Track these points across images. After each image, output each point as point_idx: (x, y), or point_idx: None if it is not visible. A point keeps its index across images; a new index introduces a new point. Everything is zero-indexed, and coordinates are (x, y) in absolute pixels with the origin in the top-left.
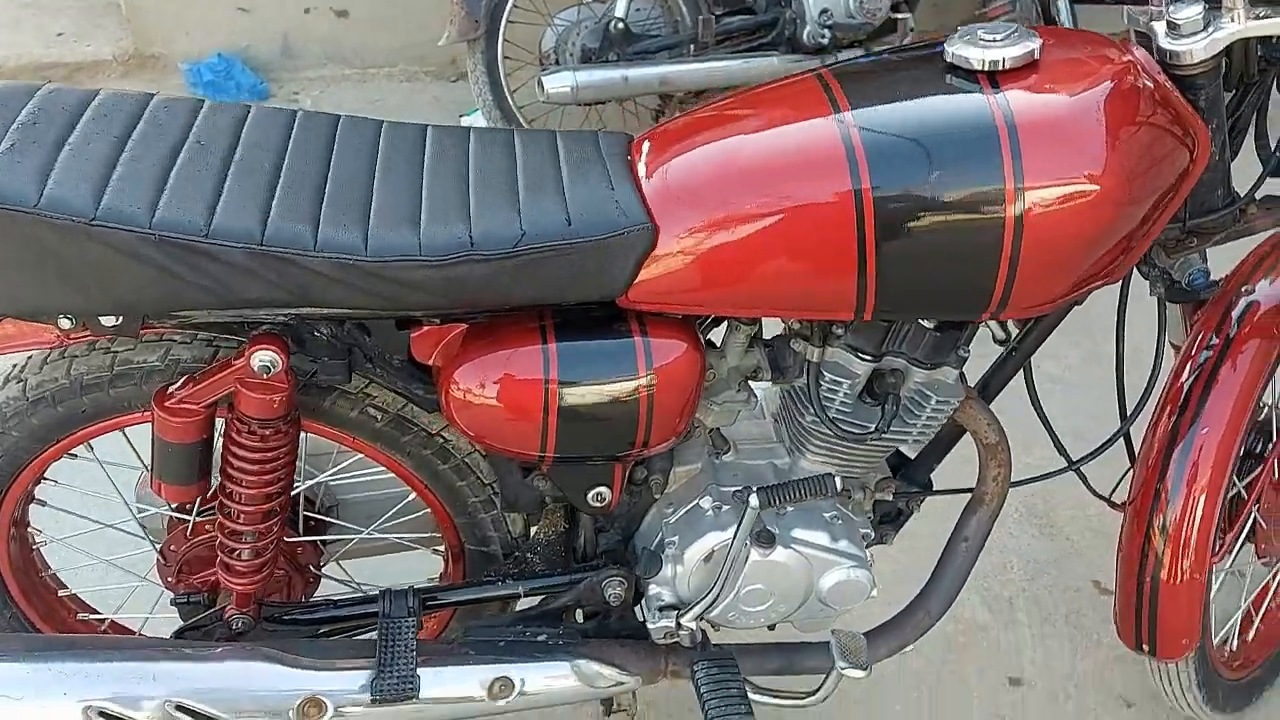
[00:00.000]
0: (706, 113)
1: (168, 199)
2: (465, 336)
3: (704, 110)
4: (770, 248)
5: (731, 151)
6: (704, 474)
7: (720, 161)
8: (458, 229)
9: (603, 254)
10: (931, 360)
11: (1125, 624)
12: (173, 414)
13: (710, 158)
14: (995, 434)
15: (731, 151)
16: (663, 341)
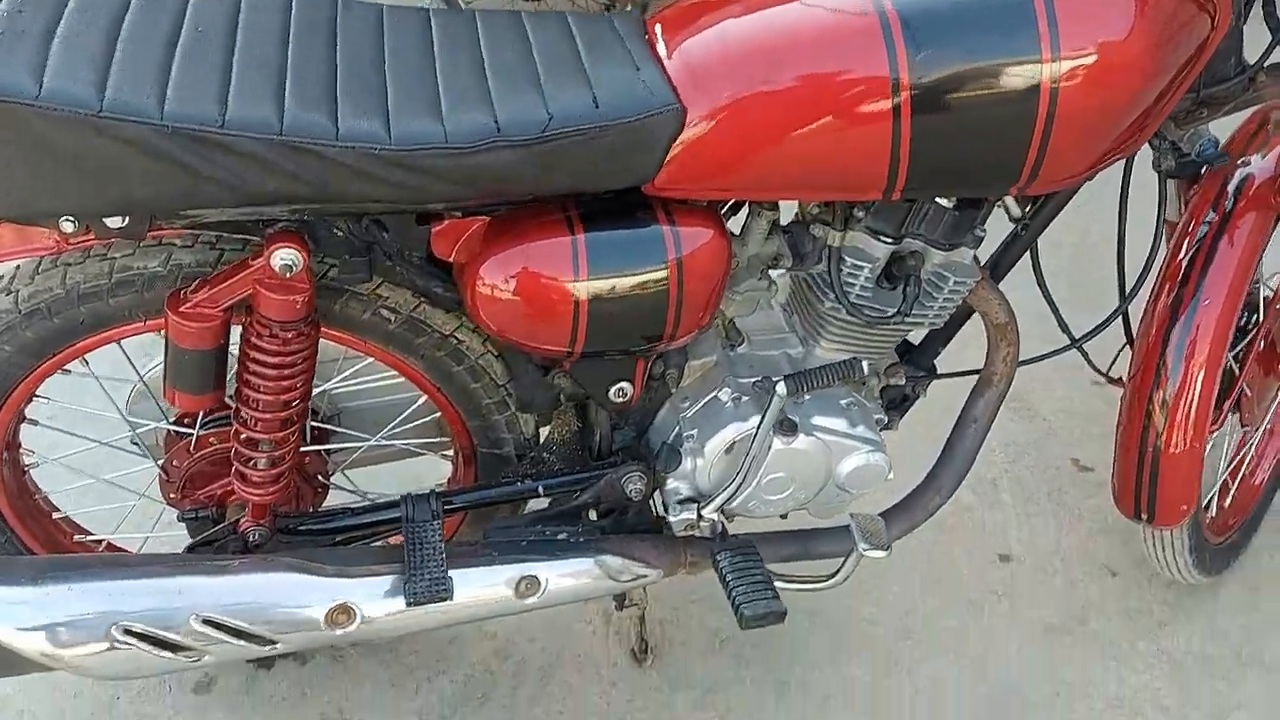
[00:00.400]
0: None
1: (176, 89)
2: (488, 230)
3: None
4: (802, 125)
5: (759, 26)
6: (719, 367)
7: (748, 37)
8: (482, 115)
9: (632, 137)
10: (950, 240)
11: (1124, 495)
12: (189, 319)
13: (737, 34)
14: (1005, 314)
15: (759, 26)
16: (690, 229)
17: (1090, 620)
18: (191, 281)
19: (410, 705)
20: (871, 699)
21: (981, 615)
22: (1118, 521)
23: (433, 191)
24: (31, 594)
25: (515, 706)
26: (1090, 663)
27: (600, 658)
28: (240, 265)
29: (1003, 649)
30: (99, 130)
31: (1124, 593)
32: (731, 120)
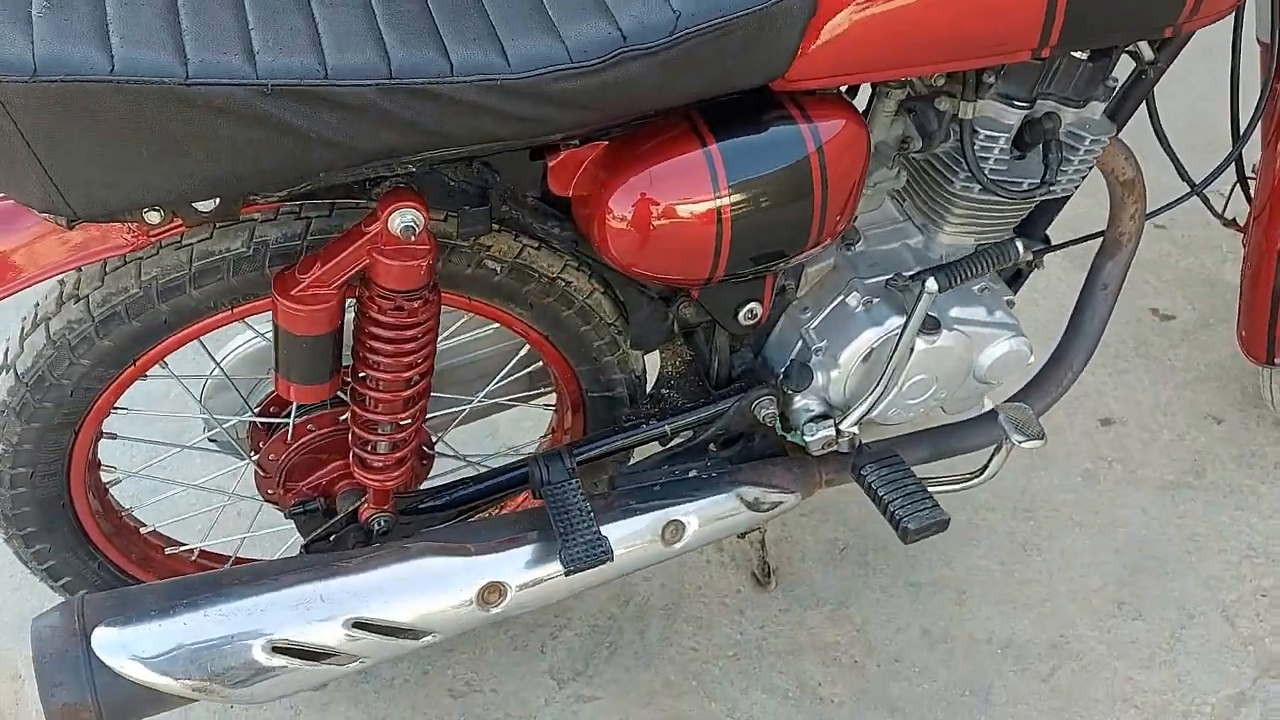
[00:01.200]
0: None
1: (262, 41)
2: (607, 157)
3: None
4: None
5: None
6: (838, 270)
7: None
8: (601, 24)
9: (765, 27)
10: (1083, 96)
11: (1254, 340)
12: (303, 302)
13: None
14: (1132, 168)
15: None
16: (826, 120)
17: (1206, 471)
18: (279, 259)
19: (540, 665)
20: (1007, 585)
21: (1097, 482)
22: (1210, 368)
23: (557, 120)
24: (166, 626)
25: (647, 649)
26: (1216, 514)
27: (723, 587)
28: (352, 233)
29: (1126, 512)
30: (187, 100)
31: (1233, 439)
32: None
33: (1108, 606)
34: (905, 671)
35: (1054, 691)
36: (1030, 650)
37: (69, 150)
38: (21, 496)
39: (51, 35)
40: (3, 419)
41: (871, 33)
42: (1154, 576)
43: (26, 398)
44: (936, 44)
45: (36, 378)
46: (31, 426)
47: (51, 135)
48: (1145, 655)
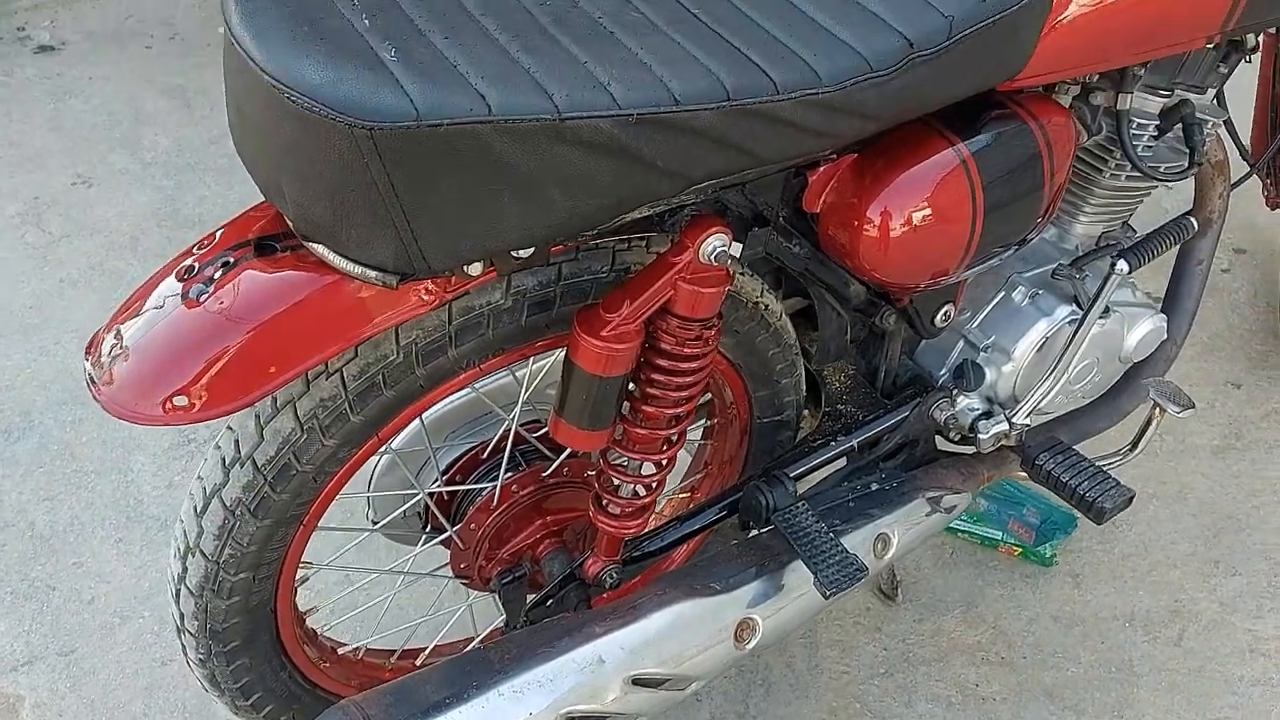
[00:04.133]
0: None
1: (607, 74)
2: (858, 169)
3: None
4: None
5: None
6: (988, 271)
7: None
8: (887, 34)
9: (1017, 25)
10: (1205, 81)
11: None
12: (613, 340)
13: None
14: (1222, 150)
15: None
16: (1044, 116)
17: (1244, 433)
18: (536, 308)
19: (701, 714)
20: (1111, 562)
21: (1156, 455)
22: (1213, 339)
23: (856, 129)
24: (466, 713)
25: (800, 681)
26: (1265, 470)
27: (852, 608)
28: (659, 265)
29: (1189, 479)
30: (562, 136)
31: (1256, 400)
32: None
33: (1206, 568)
34: (1050, 659)
35: (1188, 654)
36: (1154, 619)
37: (436, 198)
38: (235, 606)
39: (419, 77)
40: (237, 519)
41: (1093, 27)
42: (1234, 534)
43: (266, 492)
44: (1143, 35)
45: (280, 467)
46: (264, 524)
47: (422, 184)
48: (1253, 606)
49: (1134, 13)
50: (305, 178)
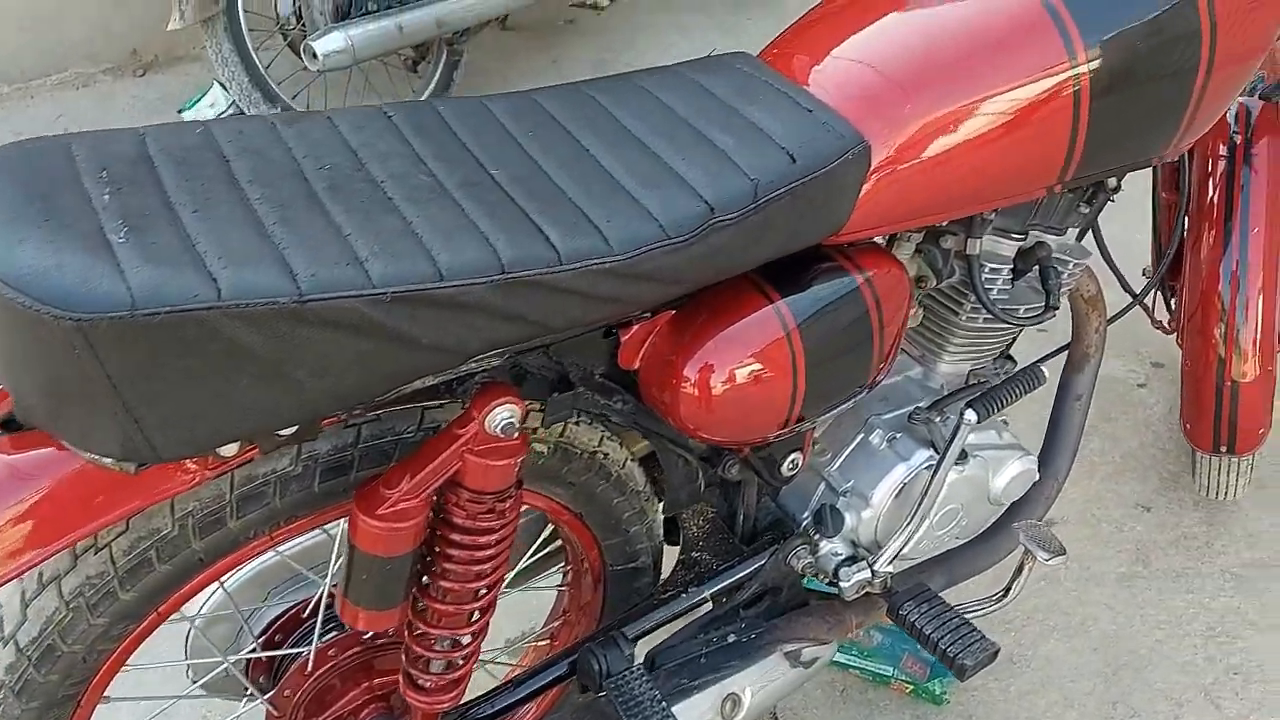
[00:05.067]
0: (844, 8)
1: (367, 248)
2: (676, 325)
3: (836, 6)
4: (986, 133)
5: (919, 37)
6: (850, 411)
7: (911, 51)
8: (685, 197)
9: (830, 186)
10: (1063, 224)
11: (1200, 432)
12: (393, 519)
13: (898, 50)
14: (1095, 285)
15: (919, 37)
16: (873, 268)
17: (1151, 559)
18: (330, 473)
19: None
20: (1008, 703)
21: (1059, 583)
22: (1125, 459)
23: (651, 296)
24: None
25: None
26: (1171, 599)
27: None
28: (444, 437)
29: (1092, 609)
30: (304, 318)
31: (1165, 524)
32: (918, 144)
33: (1104, 709)
34: None
35: None
36: None
37: (160, 387)
38: None
39: (142, 262)
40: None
41: (917, 184)
42: (1136, 671)
43: (30, 674)
44: (972, 189)
45: (44, 648)
46: (31, 707)
47: (143, 374)
48: None
49: (960, 168)
50: (18, 366)
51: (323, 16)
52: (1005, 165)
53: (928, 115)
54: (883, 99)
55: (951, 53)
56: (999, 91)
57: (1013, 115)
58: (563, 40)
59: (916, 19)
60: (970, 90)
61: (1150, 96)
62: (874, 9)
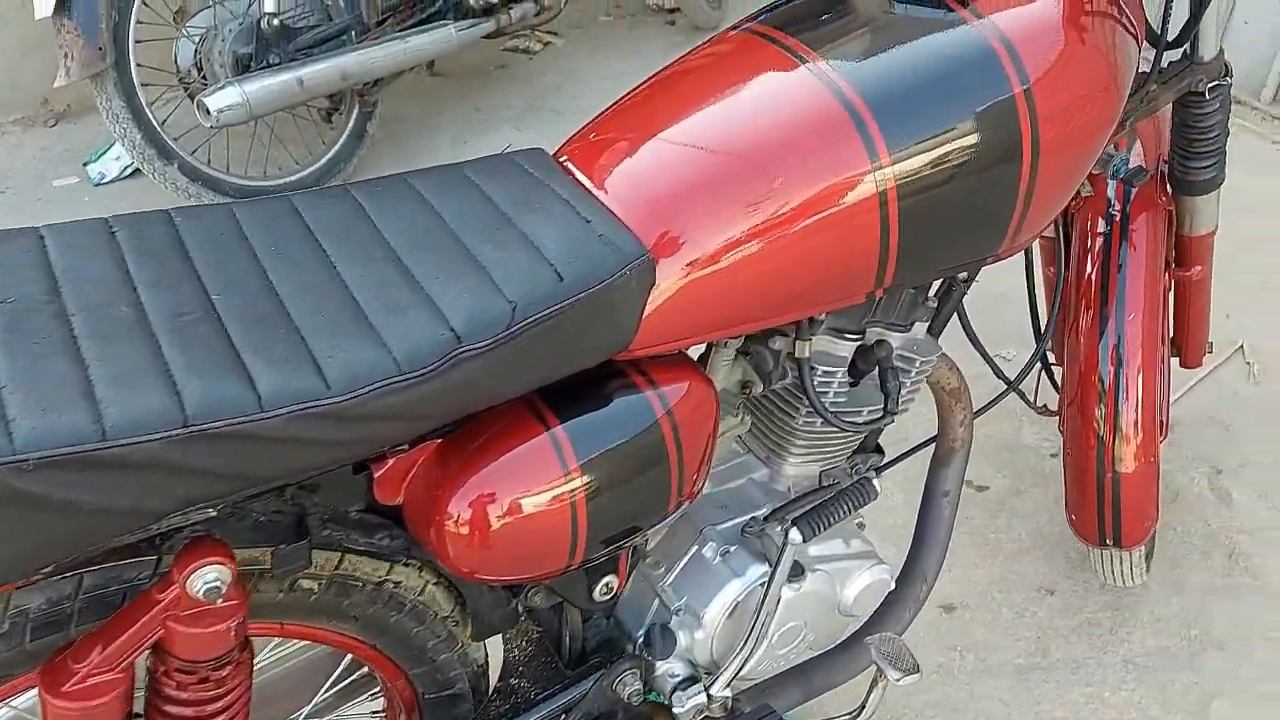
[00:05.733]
0: (643, 103)
1: (19, 404)
2: (440, 456)
3: (637, 100)
4: (786, 241)
5: (713, 139)
6: (685, 520)
7: (702, 154)
8: (432, 325)
9: (606, 304)
10: (908, 319)
11: (1085, 524)
12: (81, 697)
13: (688, 153)
14: (956, 378)
15: (713, 139)
16: (671, 383)
17: (1051, 649)
18: (46, 629)
19: None
20: None
21: (953, 676)
22: (1031, 537)
23: (386, 435)
24: None
25: None
26: (1070, 692)
27: None
28: (141, 602)
29: (987, 704)
30: None
31: (1068, 609)
32: (711, 253)
33: None
34: None
35: None
36: None
37: None
38: None
39: None
40: None
41: (712, 295)
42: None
43: None
44: (776, 299)
45: None
46: None
47: None
48: None
49: (761, 277)
50: None
51: (223, 69)
52: (811, 272)
53: (719, 221)
54: (669, 205)
55: (743, 155)
56: (795, 196)
57: (812, 221)
58: (491, 86)
59: (709, 119)
60: (764, 195)
61: (969, 200)
62: (668, 106)
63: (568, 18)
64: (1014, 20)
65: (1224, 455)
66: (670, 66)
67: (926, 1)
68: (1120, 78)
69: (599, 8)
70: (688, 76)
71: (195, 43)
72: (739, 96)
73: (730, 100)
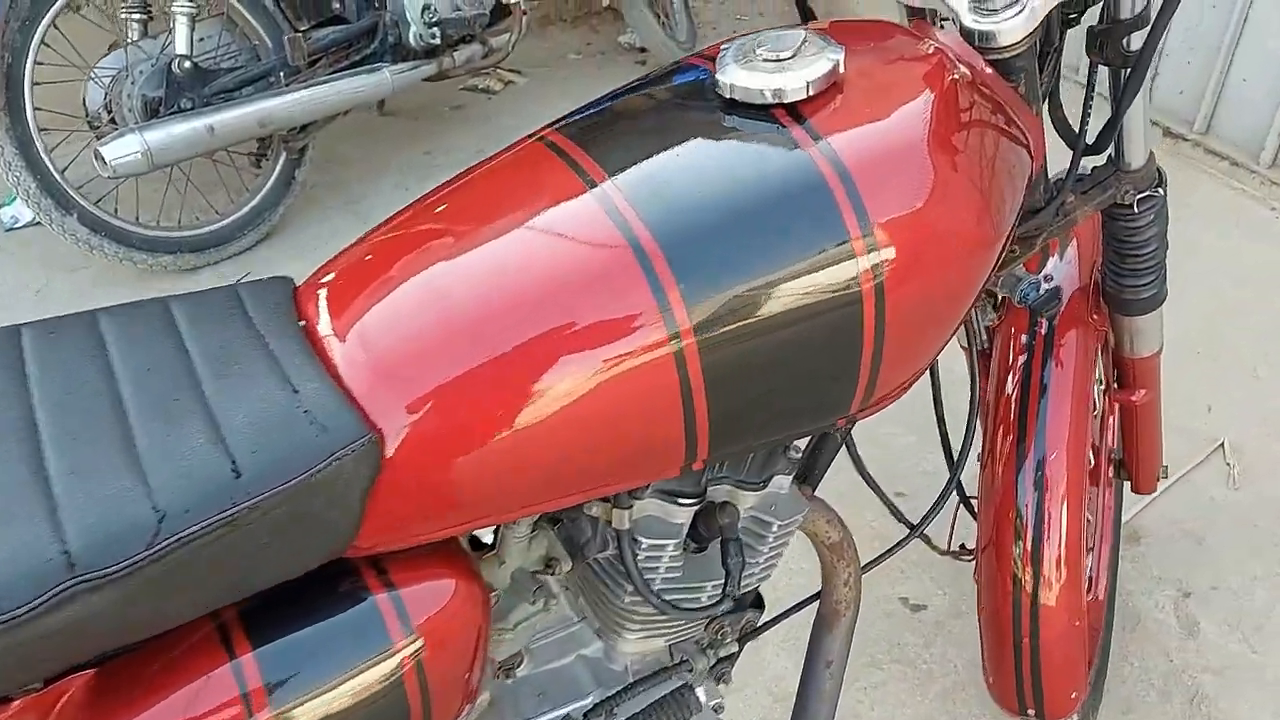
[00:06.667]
0: (404, 229)
1: None
2: (96, 689)
3: (399, 224)
4: (565, 410)
5: (466, 283)
6: (494, 709)
7: (453, 302)
8: (38, 544)
9: (303, 503)
10: (763, 475)
11: (1003, 689)
12: None
13: (438, 299)
14: (837, 530)
15: (466, 283)
16: (419, 585)
17: None
18: None
19: None
20: None
21: None
22: (967, 668)
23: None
24: None
25: None
26: None
27: None
28: None
29: None
30: None
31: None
32: (465, 429)
33: None
34: None
35: None
36: None
37: None
38: None
39: None
40: None
41: (473, 479)
42: None
43: None
44: (554, 479)
45: None
46: None
47: None
48: None
49: (537, 458)
50: None
51: (132, 114)
52: (601, 449)
53: (478, 387)
54: (411, 366)
55: (509, 304)
56: (572, 356)
57: (595, 386)
58: (444, 127)
59: (475, 258)
60: (535, 355)
61: (795, 358)
62: (433, 235)
63: (533, 55)
64: (855, 142)
65: (1194, 574)
66: (456, 179)
67: (754, 114)
68: (1000, 203)
69: (568, 45)
70: (464, 196)
71: (104, 86)
72: (512, 230)
73: (502, 233)
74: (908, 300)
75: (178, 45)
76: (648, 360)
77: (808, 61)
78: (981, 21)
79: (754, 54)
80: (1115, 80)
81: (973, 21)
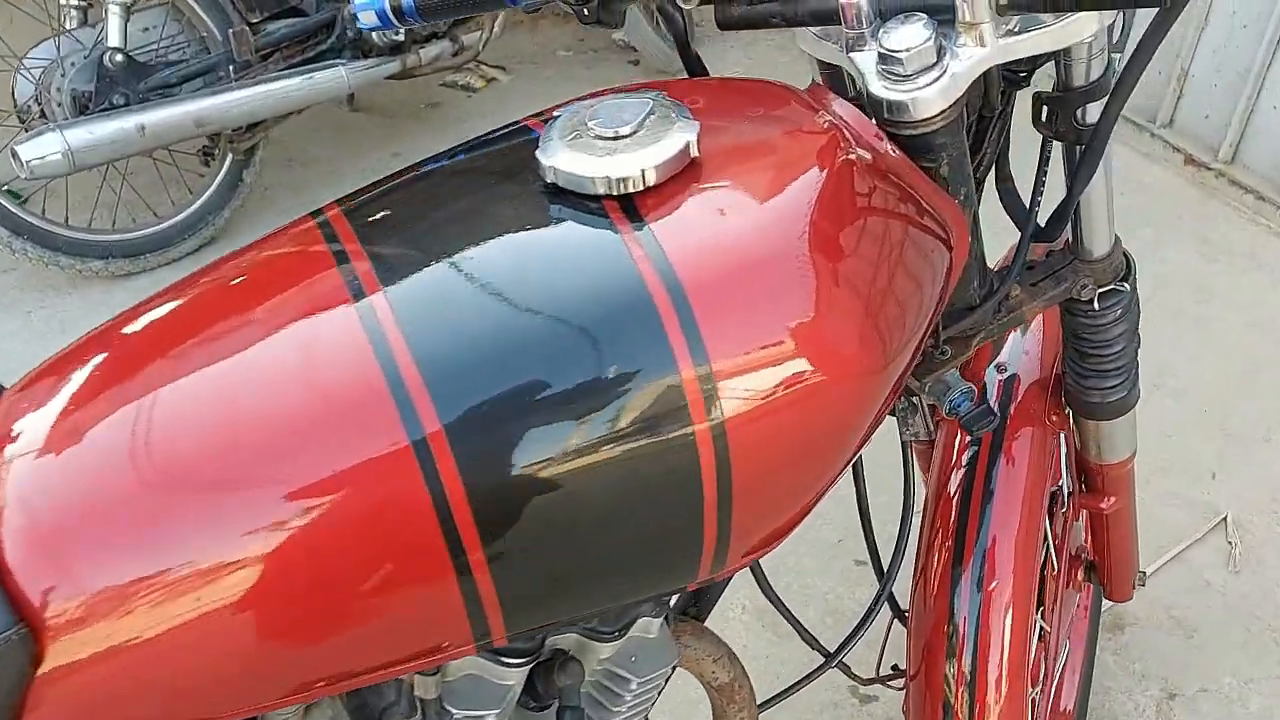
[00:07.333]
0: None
1: None
2: None
3: (112, 330)
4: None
5: (172, 425)
6: None
7: (150, 452)
8: None
9: None
10: (621, 621)
11: None
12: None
13: (130, 446)
14: (726, 670)
15: (172, 425)
16: None
17: None
18: None
19: None
20: None
21: None
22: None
23: None
24: None
25: None
26: None
27: None
28: None
29: None
30: None
31: None
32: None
33: None
34: None
35: None
36: None
37: None
38: None
39: None
40: None
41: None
42: None
43: None
44: (290, 674)
45: None
46: None
47: None
48: None
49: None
50: None
51: (61, 109)
52: (360, 635)
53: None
54: (76, 543)
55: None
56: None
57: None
58: (418, 127)
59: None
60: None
61: (604, 521)
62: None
63: (521, 51)
64: (699, 248)
65: (1181, 673)
66: (213, 266)
67: (581, 205)
68: (898, 315)
69: (558, 41)
70: (208, 296)
71: (35, 77)
72: (248, 350)
73: (234, 355)
74: (761, 445)
75: (110, 36)
76: (408, 521)
77: (652, 139)
78: (892, 90)
79: (585, 127)
80: (1070, 156)
81: (881, 89)
